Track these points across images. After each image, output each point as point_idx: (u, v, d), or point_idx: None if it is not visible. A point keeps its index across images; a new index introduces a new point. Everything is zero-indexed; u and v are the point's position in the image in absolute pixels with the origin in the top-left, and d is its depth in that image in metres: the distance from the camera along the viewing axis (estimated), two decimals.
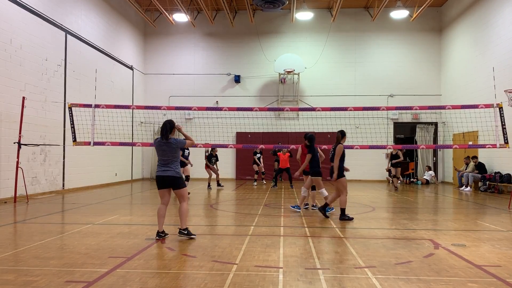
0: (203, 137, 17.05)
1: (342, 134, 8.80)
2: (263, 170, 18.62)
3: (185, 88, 21.92)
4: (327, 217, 8.72)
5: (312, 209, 10.13)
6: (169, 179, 6.51)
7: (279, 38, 21.90)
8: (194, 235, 6.62)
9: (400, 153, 16.62)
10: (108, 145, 11.70)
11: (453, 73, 19.86)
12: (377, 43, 21.56)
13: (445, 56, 20.79)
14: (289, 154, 16.61)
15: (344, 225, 8.04)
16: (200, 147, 13.23)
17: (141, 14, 20.11)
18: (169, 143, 6.52)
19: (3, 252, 5.67)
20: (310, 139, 9.60)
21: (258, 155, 18.07)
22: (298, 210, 9.74)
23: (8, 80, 11.69)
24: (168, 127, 6.60)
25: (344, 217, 8.53)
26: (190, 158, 13.85)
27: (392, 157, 16.74)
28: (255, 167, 18.37)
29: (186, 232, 6.59)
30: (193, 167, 24.79)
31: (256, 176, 18.73)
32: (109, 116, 13.99)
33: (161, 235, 6.56)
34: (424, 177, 19.83)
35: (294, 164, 14.52)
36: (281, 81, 21.34)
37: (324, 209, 8.81)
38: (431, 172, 19.97)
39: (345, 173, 8.80)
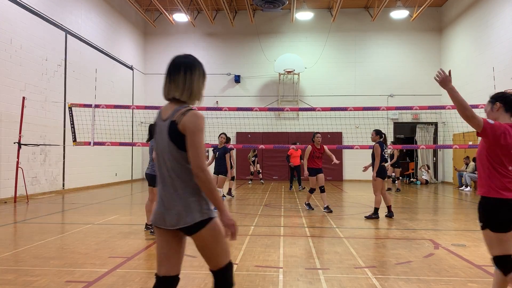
0: None
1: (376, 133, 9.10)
2: (259, 170, 18.73)
3: None
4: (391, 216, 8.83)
5: (324, 211, 9.72)
6: (149, 177, 7.10)
7: (279, 38, 21.89)
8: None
9: (395, 152, 15.93)
10: (108, 145, 11.71)
11: (453, 73, 19.52)
12: (377, 43, 21.56)
13: (445, 56, 20.78)
14: (301, 151, 15.34)
15: (344, 225, 8.04)
16: None
17: (141, 14, 20.10)
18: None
19: (3, 252, 5.67)
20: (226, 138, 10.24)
21: (253, 158, 18.11)
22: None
23: (8, 80, 11.69)
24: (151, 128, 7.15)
25: (372, 216, 8.74)
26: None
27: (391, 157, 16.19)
28: (251, 167, 18.46)
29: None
30: None
31: (251, 176, 18.88)
32: (109, 116, 14.01)
33: (149, 227, 7.12)
34: (423, 176, 19.84)
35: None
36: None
37: (389, 212, 8.88)
38: (424, 174, 20.02)
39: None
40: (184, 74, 2.67)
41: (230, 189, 13.00)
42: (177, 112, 2.52)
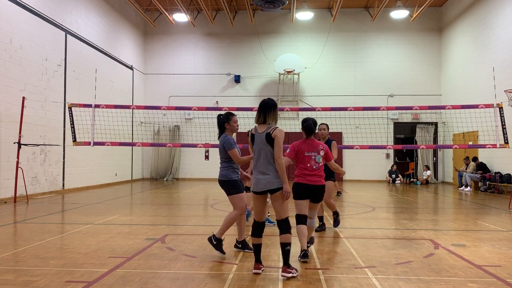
0: (203, 137, 17.06)
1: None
2: None
3: (185, 88, 21.92)
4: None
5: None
6: (219, 183, 5.76)
7: (279, 38, 21.89)
8: (251, 249, 5.30)
9: None
10: (108, 145, 11.70)
11: (453, 73, 19.86)
12: (377, 43, 21.56)
13: (445, 56, 20.78)
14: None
15: (344, 225, 8.03)
16: (200, 147, 13.25)
17: (141, 14, 20.10)
18: (220, 141, 5.66)
19: (3, 252, 5.67)
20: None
21: None
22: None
23: (8, 80, 11.69)
24: (220, 121, 5.68)
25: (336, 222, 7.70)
26: None
27: None
28: None
29: (240, 246, 5.76)
30: (194, 167, 24.58)
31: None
32: (109, 116, 14.00)
33: (237, 246, 5.80)
34: (424, 176, 19.85)
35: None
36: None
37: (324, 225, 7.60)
38: (428, 172, 20.01)
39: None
40: (274, 111, 4.82)
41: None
42: (270, 128, 4.72)
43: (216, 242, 5.53)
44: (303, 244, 5.26)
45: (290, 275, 4.55)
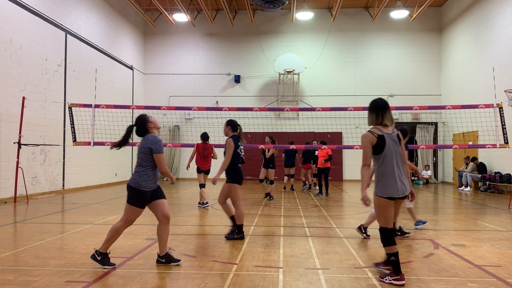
0: None
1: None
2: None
3: (185, 88, 21.92)
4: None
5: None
6: (127, 186, 5.22)
7: (279, 38, 21.90)
8: (113, 264, 4.94)
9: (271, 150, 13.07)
10: (108, 145, 11.70)
11: (453, 73, 19.86)
12: (377, 43, 21.56)
13: (445, 56, 20.78)
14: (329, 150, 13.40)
15: (344, 225, 8.04)
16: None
17: (141, 14, 20.10)
18: (145, 140, 5.34)
19: (3, 252, 5.67)
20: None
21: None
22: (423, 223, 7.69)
23: (8, 80, 11.69)
24: (139, 124, 5.40)
25: (235, 236, 6.64)
26: None
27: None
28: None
29: (164, 261, 5.04)
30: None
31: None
32: (109, 116, 14.00)
33: (160, 261, 5.07)
34: (425, 176, 19.87)
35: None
36: None
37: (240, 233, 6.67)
38: (429, 172, 20.03)
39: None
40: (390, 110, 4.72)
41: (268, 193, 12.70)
42: (395, 130, 4.71)
43: (101, 257, 4.87)
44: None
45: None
